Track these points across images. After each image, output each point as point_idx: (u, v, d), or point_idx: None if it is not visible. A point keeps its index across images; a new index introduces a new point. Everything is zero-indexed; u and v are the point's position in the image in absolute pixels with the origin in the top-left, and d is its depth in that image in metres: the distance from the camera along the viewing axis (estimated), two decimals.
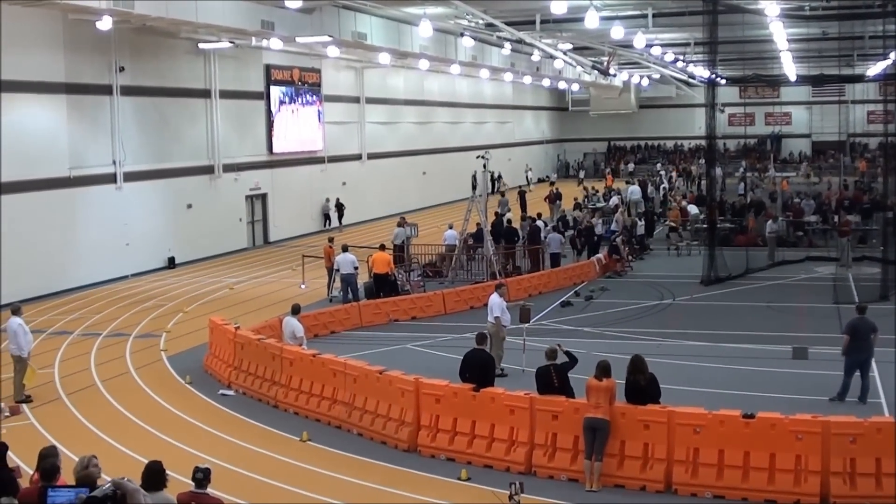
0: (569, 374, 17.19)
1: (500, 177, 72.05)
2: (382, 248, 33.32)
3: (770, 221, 41.11)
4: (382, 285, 31.88)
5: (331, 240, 35.85)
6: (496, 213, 43.78)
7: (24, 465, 14.90)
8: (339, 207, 54.76)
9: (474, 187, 38.98)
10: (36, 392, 22.03)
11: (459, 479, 16.26)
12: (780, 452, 15.06)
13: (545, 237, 38.42)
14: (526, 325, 24.15)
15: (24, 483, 12.08)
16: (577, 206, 49.67)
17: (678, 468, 15.53)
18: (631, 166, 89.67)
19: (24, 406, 21.15)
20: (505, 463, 16.68)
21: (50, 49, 34.95)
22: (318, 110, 53.50)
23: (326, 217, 54.36)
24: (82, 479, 9.75)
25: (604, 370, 15.92)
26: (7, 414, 20.60)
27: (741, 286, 34.23)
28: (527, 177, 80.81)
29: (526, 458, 16.57)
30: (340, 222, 54.38)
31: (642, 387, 16.16)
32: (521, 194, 58.81)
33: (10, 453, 12.69)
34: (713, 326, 27.78)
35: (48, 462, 10.92)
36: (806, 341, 24.56)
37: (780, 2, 38.88)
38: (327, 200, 54.52)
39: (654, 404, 16.08)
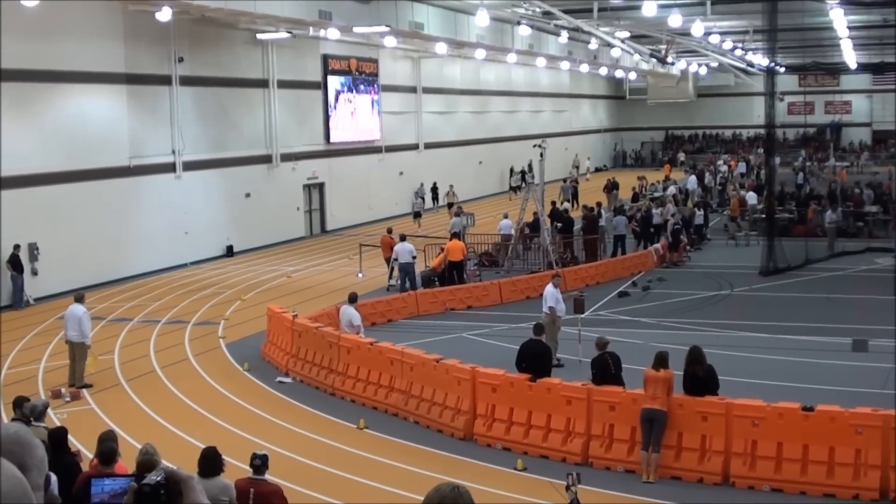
0: (624, 366, 17.20)
1: (523, 171, 70.50)
2: (456, 235, 33.67)
3: (829, 212, 40.64)
4: (458, 272, 32.21)
5: (389, 230, 35.95)
6: (553, 203, 43.58)
7: (84, 449, 15.11)
8: (434, 190, 58.08)
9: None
10: (96, 378, 22.32)
11: (515, 468, 16.28)
12: (839, 446, 14.91)
13: (603, 224, 38.41)
14: (581, 315, 24.07)
15: (84, 467, 12.27)
16: (635, 197, 49.43)
17: (736, 461, 15.43)
18: (682, 156, 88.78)
19: (85, 391, 21.44)
20: (561, 453, 16.66)
21: (110, 40, 35.33)
22: (375, 100, 53.62)
23: (422, 199, 56.46)
24: (142, 464, 9.89)
25: (661, 361, 15.85)
26: (68, 399, 20.92)
27: (800, 277, 33.89)
28: (576, 167, 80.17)
29: (582, 448, 16.54)
30: (435, 203, 57.45)
31: (700, 378, 16.04)
32: (574, 185, 58.47)
33: (71, 438, 12.89)
34: (772, 318, 27.54)
35: (106, 446, 11.06)
36: (866, 333, 24.29)
37: None
38: (422, 185, 56.80)
39: (712, 396, 15.98)
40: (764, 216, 38.61)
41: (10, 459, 2.96)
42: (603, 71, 75.08)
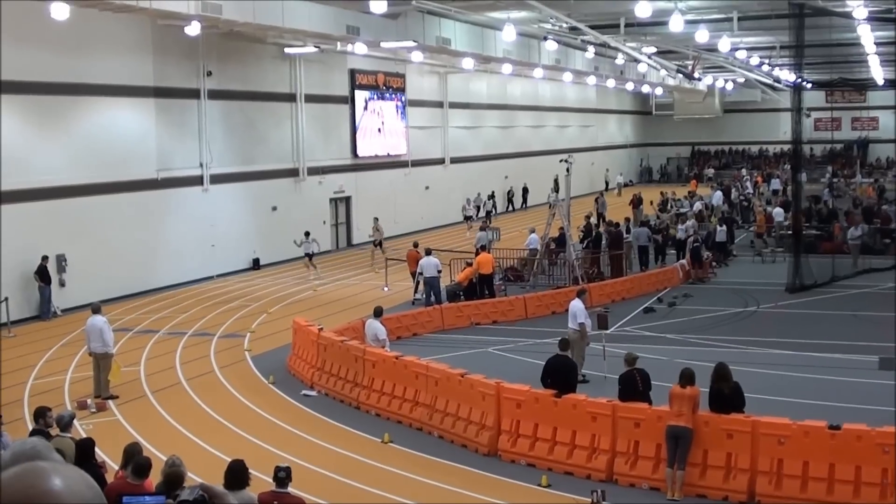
0: (652, 382, 17.13)
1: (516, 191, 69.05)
2: (483, 248, 34.04)
3: (852, 228, 40.38)
4: (487, 286, 32.45)
5: (415, 244, 36.04)
6: (586, 217, 43.50)
7: (109, 460, 15.19)
8: (510, 194, 65.07)
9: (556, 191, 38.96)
10: (122, 389, 22.43)
11: (540, 485, 16.24)
12: (865, 465, 14.80)
13: (629, 239, 38.46)
14: (605, 331, 24.02)
15: (108, 478, 12.33)
16: (660, 212, 49.36)
17: (762, 479, 15.35)
18: (710, 171, 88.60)
19: (111, 402, 21.54)
20: (586, 470, 16.61)
21: (139, 54, 35.60)
22: (402, 114, 53.76)
23: (477, 207, 59.95)
24: (171, 475, 9.94)
25: (687, 378, 15.77)
26: (94, 410, 21.03)
27: (827, 294, 33.68)
28: (607, 182, 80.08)
29: (607, 465, 16.49)
30: (524, 205, 64.77)
31: (726, 395, 15.98)
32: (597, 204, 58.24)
33: (96, 448, 12.96)
34: (798, 335, 27.39)
35: (142, 459, 11.13)
36: (893, 352, 24.10)
37: (868, 4, 38.23)
38: (479, 194, 60.52)
39: (738, 413, 15.90)
40: (790, 232, 38.43)
41: None
42: (629, 86, 74.96)
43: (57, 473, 2.43)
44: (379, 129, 51.38)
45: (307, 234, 39.86)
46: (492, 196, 61.44)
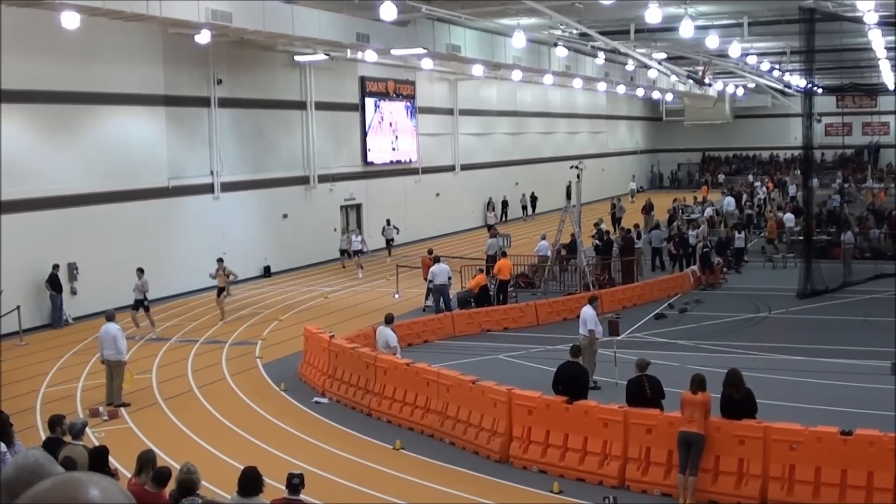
0: (664, 388, 17.10)
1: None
2: (504, 255, 34.30)
3: (843, 233, 40.30)
4: (502, 292, 32.66)
5: (429, 251, 36.08)
6: (595, 225, 43.47)
7: (122, 468, 15.22)
8: (533, 200, 66.34)
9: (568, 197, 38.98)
10: (134, 397, 22.49)
11: (552, 491, 16.23)
12: (878, 471, 14.75)
13: (640, 246, 38.50)
14: (616, 337, 23.99)
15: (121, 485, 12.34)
16: (671, 219, 49.29)
17: (773, 485, 15.31)
18: (721, 177, 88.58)
19: (123, 410, 21.58)
20: (598, 477, 16.59)
21: (150, 62, 35.72)
22: (413, 122, 53.82)
23: (524, 208, 65.60)
24: (185, 482, 9.99)
25: (699, 384, 15.74)
26: (106, 417, 21.08)
27: (838, 300, 33.65)
28: (631, 189, 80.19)
29: (619, 471, 16.47)
30: (533, 212, 65.72)
31: (737, 401, 15.96)
32: (613, 209, 58.24)
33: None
34: (809, 340, 27.35)
35: (163, 468, 11.17)
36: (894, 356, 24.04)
37: (879, 9, 38.15)
38: (524, 195, 65.79)
39: (750, 419, 15.88)
40: (801, 238, 38.35)
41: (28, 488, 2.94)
42: (640, 92, 74.93)
43: (93, 484, 2.46)
44: (392, 144, 51.47)
45: (140, 270, 30.21)
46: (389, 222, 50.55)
